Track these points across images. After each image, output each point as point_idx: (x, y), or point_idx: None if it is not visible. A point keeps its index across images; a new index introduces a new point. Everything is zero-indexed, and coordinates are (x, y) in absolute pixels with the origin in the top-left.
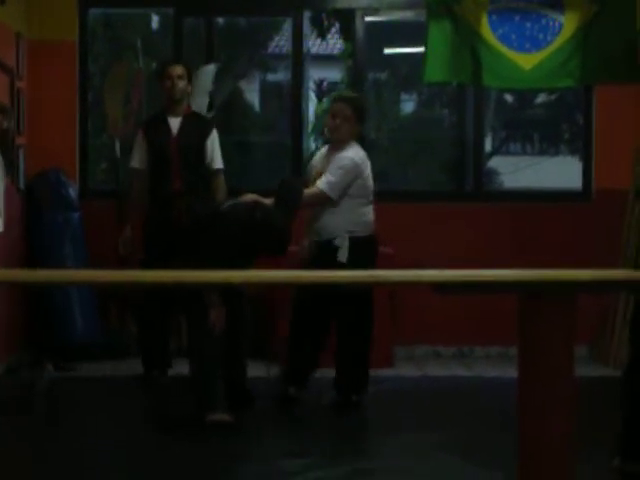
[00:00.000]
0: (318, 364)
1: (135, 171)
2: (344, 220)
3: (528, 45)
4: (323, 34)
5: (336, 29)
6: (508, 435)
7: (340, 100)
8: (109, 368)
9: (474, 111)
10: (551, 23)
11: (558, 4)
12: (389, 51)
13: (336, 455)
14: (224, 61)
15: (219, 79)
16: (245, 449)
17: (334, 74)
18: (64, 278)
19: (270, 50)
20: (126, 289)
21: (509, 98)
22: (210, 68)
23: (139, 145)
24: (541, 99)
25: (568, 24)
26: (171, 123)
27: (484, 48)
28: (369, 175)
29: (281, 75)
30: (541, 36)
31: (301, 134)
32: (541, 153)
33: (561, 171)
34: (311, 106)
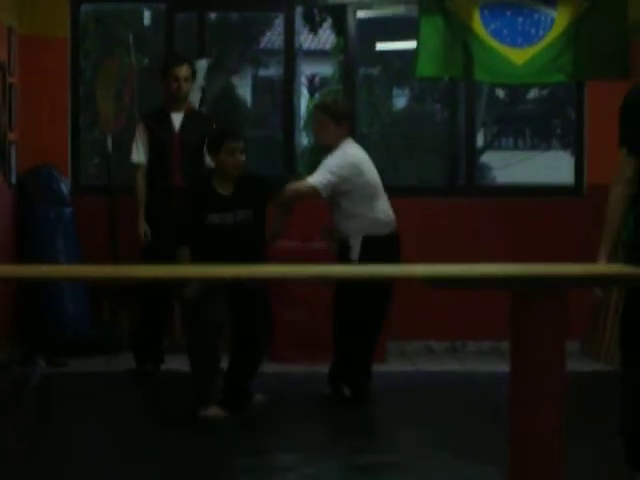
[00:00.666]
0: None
1: (137, 166)
2: (357, 221)
3: (520, 40)
4: (315, 29)
5: (328, 24)
6: (500, 430)
7: (316, 108)
8: (101, 363)
9: (466, 106)
10: (543, 18)
11: None
12: (381, 46)
13: (330, 450)
14: (216, 56)
15: (211, 74)
16: (239, 443)
17: (326, 69)
18: (58, 274)
19: (262, 45)
20: (119, 284)
21: (501, 93)
22: (202, 63)
23: (141, 139)
24: (533, 94)
25: (560, 19)
26: (173, 119)
27: (476, 43)
28: (369, 171)
29: (273, 70)
30: (533, 31)
31: (293, 129)
32: (533, 148)
33: (553, 166)
34: (303, 101)
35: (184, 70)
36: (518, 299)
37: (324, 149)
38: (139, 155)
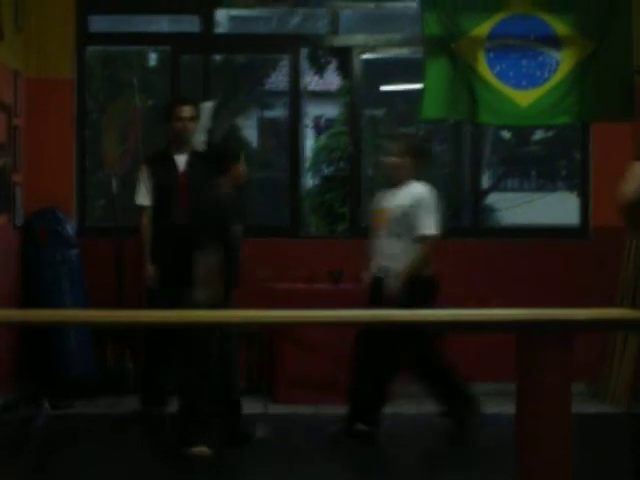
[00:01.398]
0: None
1: (142, 208)
2: (398, 260)
3: (525, 82)
4: (320, 71)
5: (333, 66)
6: (507, 472)
7: (389, 138)
8: (106, 405)
9: (471, 148)
10: (548, 60)
11: (555, 42)
12: (386, 88)
13: None
14: (222, 98)
15: (217, 116)
16: None
17: (331, 110)
18: (62, 318)
19: (267, 87)
20: (125, 326)
21: (506, 135)
22: (208, 105)
23: (144, 182)
24: (538, 136)
25: (565, 61)
26: (177, 160)
27: (481, 85)
28: None
29: (278, 111)
30: (538, 73)
31: (298, 170)
32: (538, 189)
33: (558, 208)
34: (308, 142)
35: (188, 110)
36: (524, 342)
37: (394, 184)
38: (143, 197)
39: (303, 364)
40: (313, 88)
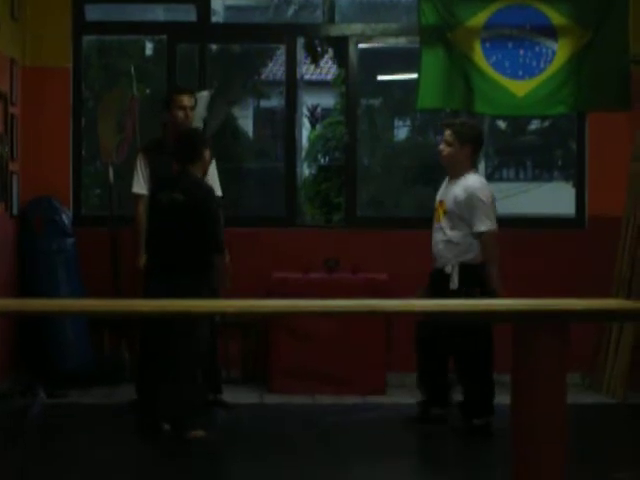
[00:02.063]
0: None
1: (139, 197)
2: (455, 248)
3: (521, 72)
4: (317, 60)
5: (329, 55)
6: (502, 463)
7: (445, 125)
8: (102, 394)
9: None
10: (544, 51)
11: (551, 32)
12: (382, 77)
13: None
14: (217, 87)
15: (213, 105)
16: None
17: (327, 100)
18: (58, 308)
19: (264, 76)
20: (121, 316)
21: (502, 125)
22: (204, 95)
23: (141, 170)
24: (534, 126)
25: (561, 52)
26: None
27: (477, 75)
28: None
29: (275, 101)
30: (534, 63)
31: (294, 160)
32: (534, 179)
33: (554, 197)
34: (305, 132)
35: (189, 99)
36: (520, 333)
37: (450, 174)
38: (140, 186)
39: (299, 354)
40: (310, 78)
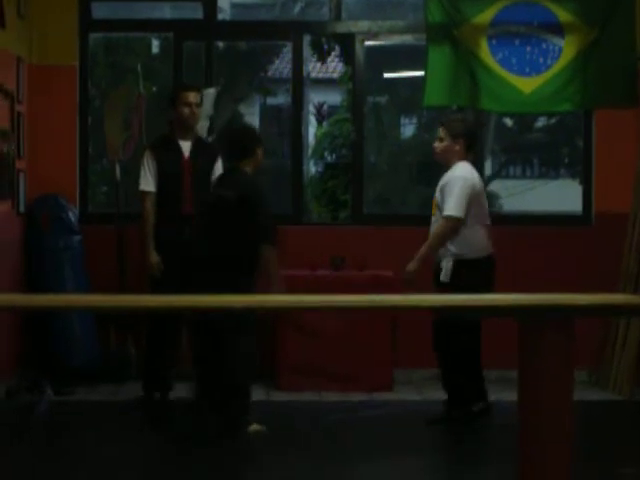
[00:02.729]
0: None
1: (146, 194)
2: (451, 242)
3: (528, 69)
4: (323, 58)
5: (336, 53)
6: (507, 461)
7: (440, 124)
8: (109, 391)
9: None
10: (551, 47)
11: (558, 28)
12: (389, 75)
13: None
14: (224, 85)
15: (219, 103)
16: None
17: (334, 98)
18: (66, 303)
19: (270, 74)
20: (127, 312)
21: (509, 122)
22: (210, 92)
23: (148, 167)
24: (541, 123)
25: (568, 48)
26: (182, 147)
27: (484, 72)
28: (480, 195)
29: (281, 99)
30: (541, 60)
31: (301, 157)
32: (541, 176)
33: (561, 194)
34: (311, 129)
35: (195, 95)
36: (525, 328)
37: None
38: (147, 183)
39: (306, 351)
40: (316, 75)
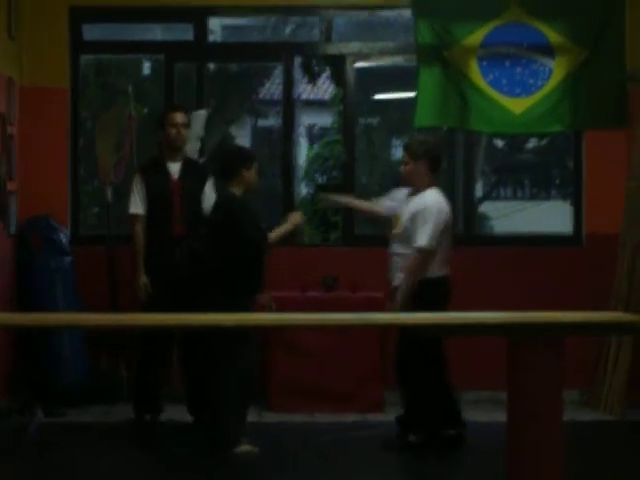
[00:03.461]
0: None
1: (136, 217)
2: (403, 262)
3: (518, 90)
4: (314, 80)
5: (327, 75)
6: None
7: (404, 148)
8: (100, 413)
9: (464, 156)
10: (541, 68)
11: (548, 49)
12: (380, 96)
13: None
14: (215, 106)
15: (210, 124)
16: None
17: (325, 119)
18: (59, 321)
19: (261, 95)
20: (118, 334)
21: (499, 143)
22: (201, 113)
23: (138, 190)
24: (532, 144)
25: (558, 69)
26: (170, 168)
27: (474, 93)
28: (449, 224)
29: (272, 120)
30: (531, 81)
31: (292, 179)
32: (532, 198)
33: (552, 216)
34: (302, 151)
35: (182, 116)
36: (514, 346)
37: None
38: (137, 206)
39: (297, 372)
40: (307, 97)
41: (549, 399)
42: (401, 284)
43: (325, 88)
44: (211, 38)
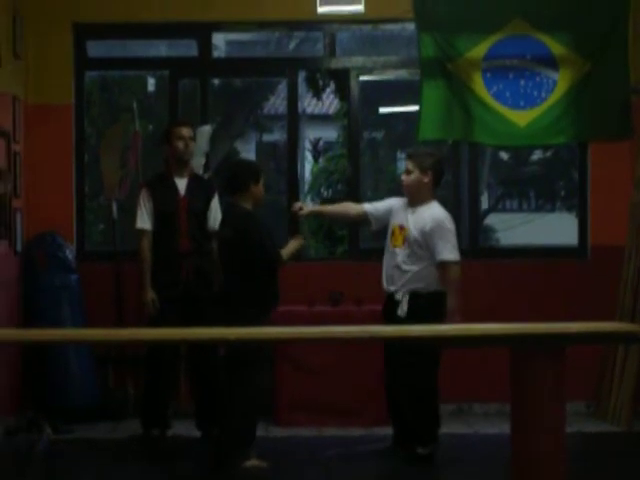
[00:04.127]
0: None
1: (143, 232)
2: (408, 275)
3: (523, 102)
4: (318, 94)
5: (331, 89)
6: None
7: (408, 156)
8: (107, 429)
9: (469, 169)
10: (545, 80)
11: (552, 62)
12: (384, 110)
13: None
14: (220, 122)
15: (215, 140)
16: None
17: (330, 133)
18: (66, 337)
19: (266, 110)
20: (125, 350)
21: (504, 155)
22: (206, 129)
23: (144, 206)
24: (536, 156)
25: (562, 81)
26: (178, 184)
27: (478, 105)
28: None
29: (277, 135)
30: (535, 93)
31: (297, 193)
32: (537, 210)
33: (557, 228)
34: (307, 166)
35: (188, 130)
36: (517, 357)
37: (411, 201)
38: (144, 221)
39: (304, 387)
40: (312, 111)
41: (551, 409)
42: (449, 302)
43: (329, 102)
44: (215, 54)
